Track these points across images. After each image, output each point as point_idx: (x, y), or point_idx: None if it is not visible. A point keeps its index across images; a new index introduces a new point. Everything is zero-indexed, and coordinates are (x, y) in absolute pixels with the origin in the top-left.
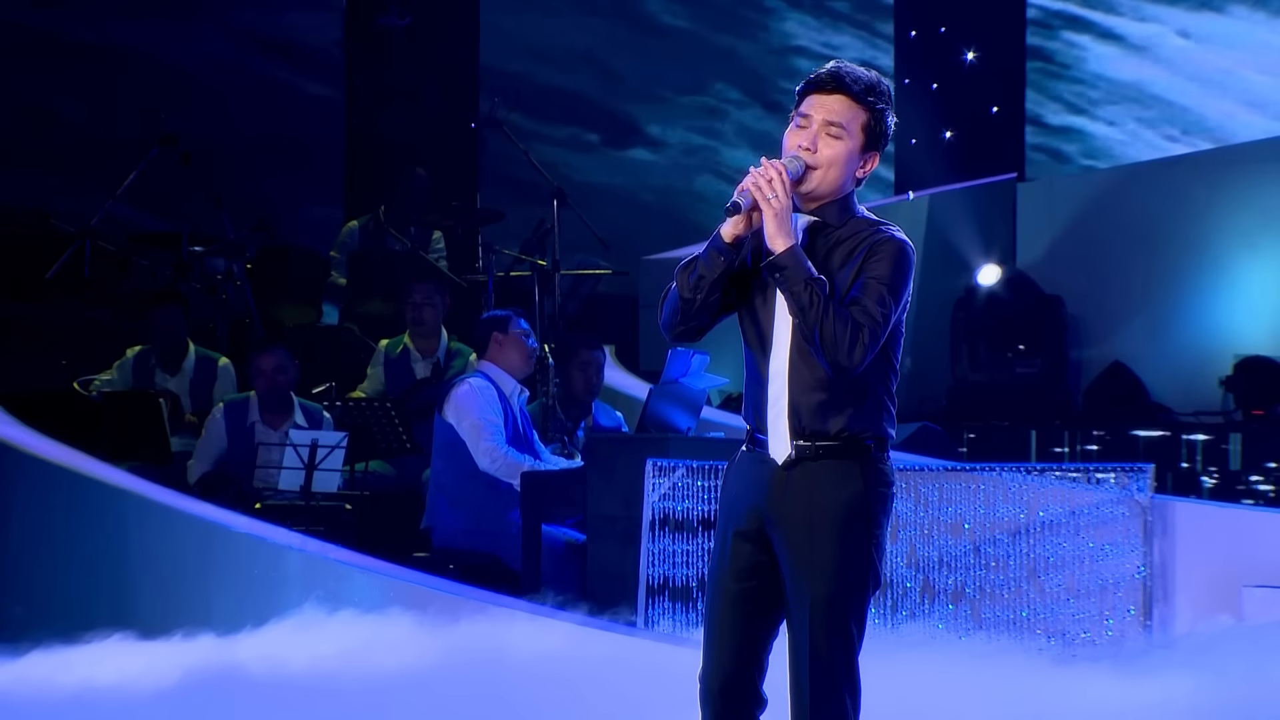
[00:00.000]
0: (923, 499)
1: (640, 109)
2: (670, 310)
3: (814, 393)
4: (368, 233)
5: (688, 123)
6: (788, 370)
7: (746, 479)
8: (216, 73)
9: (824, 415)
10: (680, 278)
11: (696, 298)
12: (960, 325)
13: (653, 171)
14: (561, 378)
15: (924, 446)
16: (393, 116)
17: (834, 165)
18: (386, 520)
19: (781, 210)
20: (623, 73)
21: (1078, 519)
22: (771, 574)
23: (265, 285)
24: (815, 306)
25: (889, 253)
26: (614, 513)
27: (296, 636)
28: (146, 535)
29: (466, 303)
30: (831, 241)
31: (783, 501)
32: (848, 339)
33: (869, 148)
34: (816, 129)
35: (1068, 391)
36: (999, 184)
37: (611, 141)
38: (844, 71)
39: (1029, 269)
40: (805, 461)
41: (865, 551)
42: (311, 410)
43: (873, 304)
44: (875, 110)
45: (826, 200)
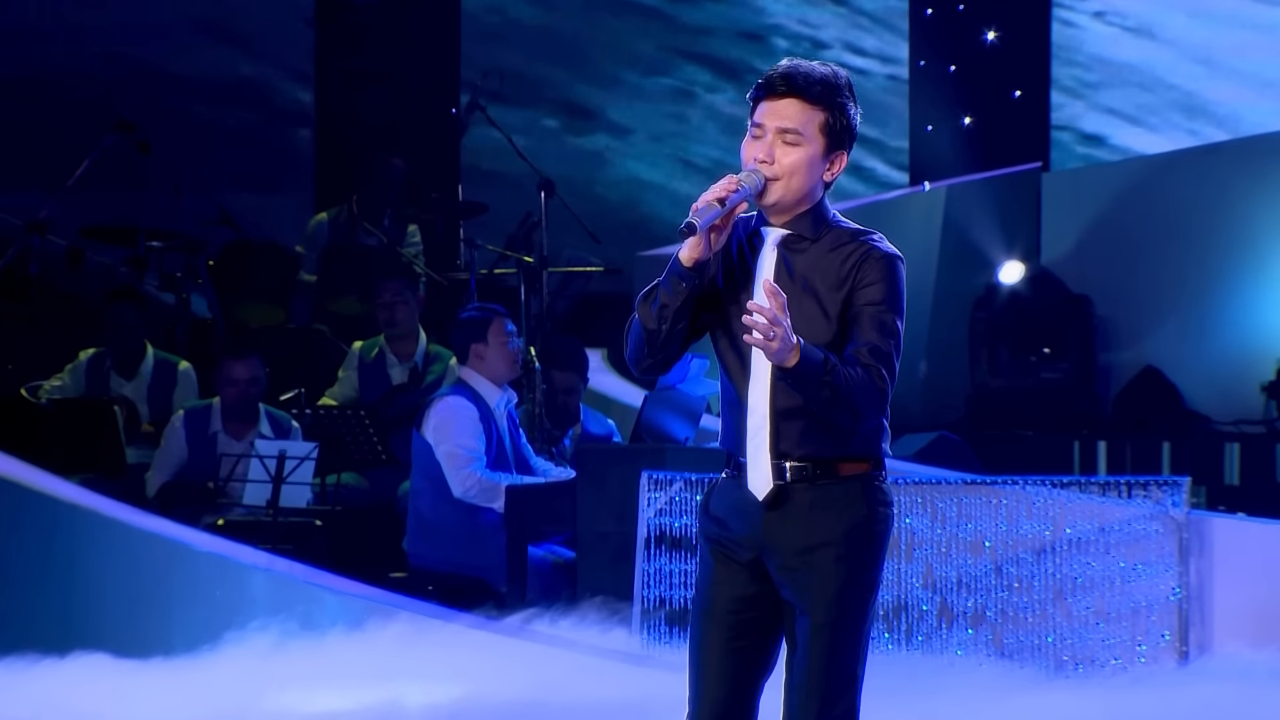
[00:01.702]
0: (940, 515)
1: (601, 92)
2: (635, 343)
3: (802, 416)
4: (338, 226)
5: (653, 107)
6: (769, 397)
7: (735, 506)
8: (176, 53)
9: (817, 441)
10: (642, 309)
11: (661, 328)
12: (980, 327)
13: (615, 160)
14: (547, 384)
15: (941, 458)
16: (367, 101)
17: (795, 174)
18: (361, 538)
19: (783, 341)
20: (584, 52)
21: (1108, 536)
22: (768, 604)
23: (229, 283)
24: (837, 397)
25: (882, 272)
26: (606, 529)
27: (263, 664)
28: (99, 554)
29: (447, 302)
30: (811, 257)
31: (781, 530)
32: (874, 403)
33: (833, 148)
34: (771, 138)
35: (1096, 398)
36: (1022, 174)
37: (571, 128)
38: (795, 72)
39: (1054, 266)
40: (800, 487)
41: (872, 576)
42: (279, 419)
43: (882, 340)
44: (834, 107)
45: (797, 211)
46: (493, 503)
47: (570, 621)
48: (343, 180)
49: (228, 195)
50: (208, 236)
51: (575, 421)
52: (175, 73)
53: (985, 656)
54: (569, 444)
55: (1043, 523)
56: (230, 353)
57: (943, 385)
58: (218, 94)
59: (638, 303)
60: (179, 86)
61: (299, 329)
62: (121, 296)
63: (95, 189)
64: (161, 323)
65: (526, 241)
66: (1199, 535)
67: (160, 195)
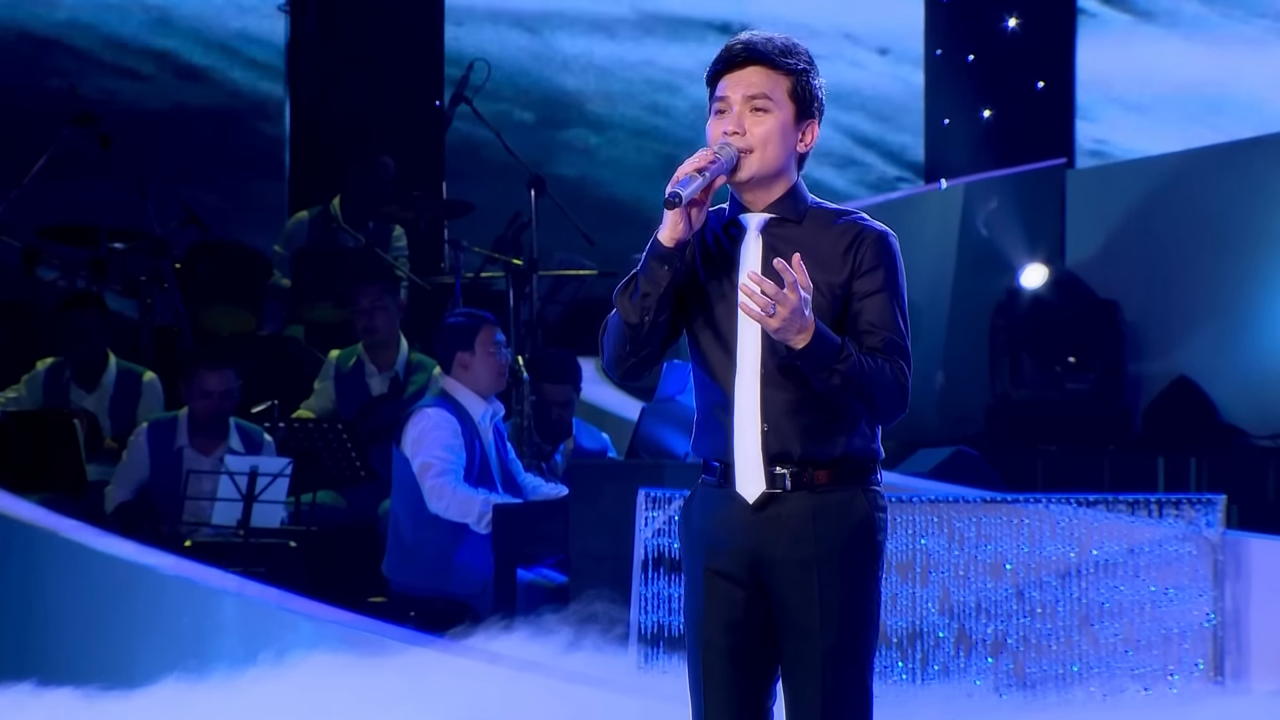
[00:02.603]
0: (957, 535)
1: (579, 84)
2: (615, 343)
3: (797, 415)
4: (317, 227)
5: (636, 99)
6: (760, 391)
7: (723, 518)
8: (141, 40)
9: (813, 439)
10: (621, 302)
11: (644, 320)
12: (1001, 335)
13: (595, 155)
14: (536, 397)
15: (959, 474)
16: (345, 92)
17: (769, 142)
18: (338, 560)
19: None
20: (560, 42)
21: (1137, 558)
22: (767, 623)
23: (197, 287)
24: (849, 386)
25: (881, 255)
26: (600, 551)
27: (232, 696)
28: (58, 578)
29: (430, 308)
30: (798, 240)
31: (778, 540)
32: (895, 400)
33: (803, 116)
34: (739, 108)
35: (1125, 411)
36: (1045, 171)
37: (548, 121)
38: (753, 40)
39: (1080, 269)
40: (798, 492)
41: (878, 588)
42: (250, 432)
43: (896, 332)
44: (798, 71)
45: (775, 192)
46: (468, 518)
47: (562, 649)
48: (317, 177)
49: (194, 193)
50: (174, 237)
51: (567, 435)
52: (139, 61)
53: (1006, 687)
54: (560, 459)
55: (1068, 544)
56: (204, 362)
57: (961, 397)
58: (184, 85)
59: (616, 297)
60: (142, 76)
61: (271, 337)
62: (81, 302)
63: (53, 186)
64: (124, 330)
65: (515, 243)
66: (1235, 557)
67: (123, 193)
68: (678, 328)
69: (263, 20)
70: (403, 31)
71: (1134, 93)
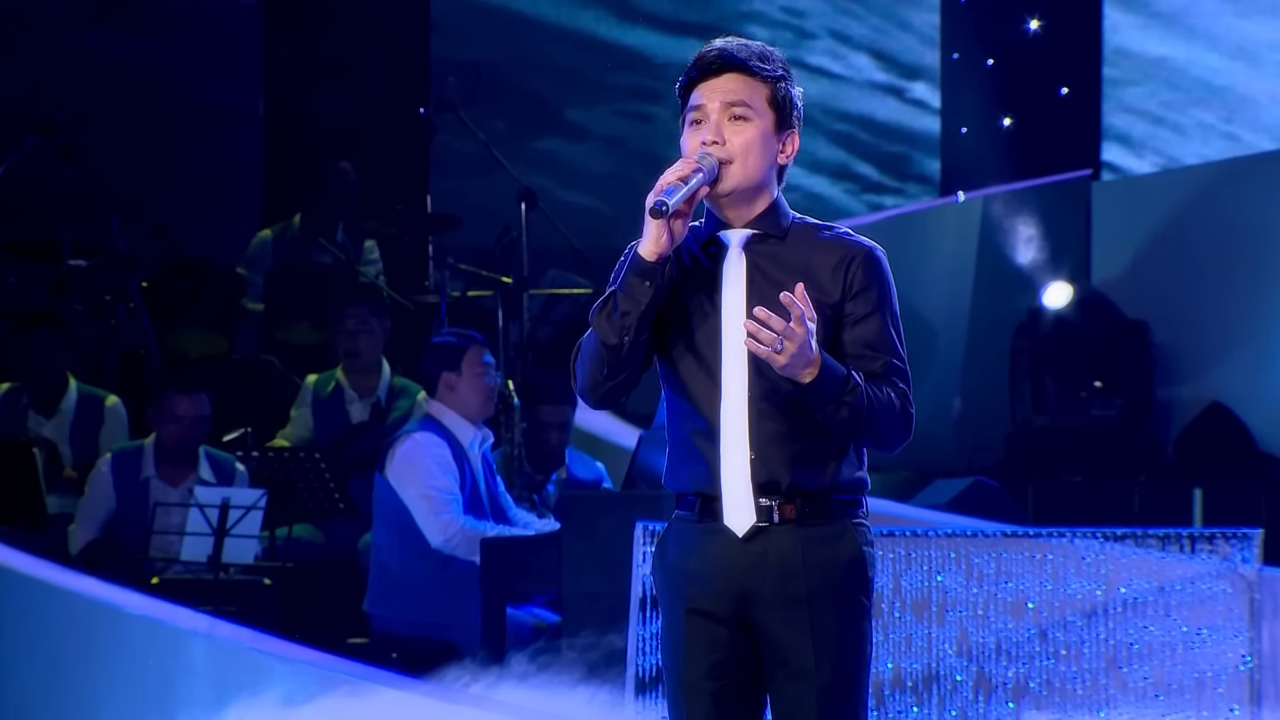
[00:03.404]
0: (976, 572)
1: (555, 88)
2: (591, 365)
3: (786, 443)
4: (285, 244)
5: (614, 106)
6: (747, 416)
7: (704, 554)
8: (105, 42)
9: (802, 468)
10: (599, 322)
11: (624, 341)
12: (1022, 357)
13: (570, 166)
14: (529, 423)
15: (977, 507)
16: (324, 98)
17: (750, 151)
18: (315, 598)
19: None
20: (535, 45)
21: (1168, 597)
22: (752, 664)
23: (165, 307)
24: (858, 419)
25: (874, 274)
26: (595, 589)
27: None
28: (15, 616)
29: (414, 329)
30: (784, 257)
31: (765, 576)
32: (900, 429)
33: (783, 125)
34: (717, 117)
35: (1155, 439)
36: (1069, 183)
37: (520, 128)
38: (728, 46)
39: (1106, 287)
40: (785, 525)
41: (870, 626)
42: (221, 462)
43: (894, 352)
44: (777, 78)
45: (757, 206)
46: (473, 555)
47: (555, 693)
48: (293, 189)
49: (164, 207)
50: (141, 254)
51: (560, 464)
52: (106, 64)
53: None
54: (553, 490)
55: (1094, 581)
56: (175, 385)
57: (979, 424)
58: (152, 90)
59: (592, 317)
60: (108, 79)
61: (245, 360)
62: (40, 322)
63: (11, 199)
64: (87, 352)
65: (505, 260)
66: (1273, 595)
67: (86, 206)
68: (650, 352)
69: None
70: (384, 35)
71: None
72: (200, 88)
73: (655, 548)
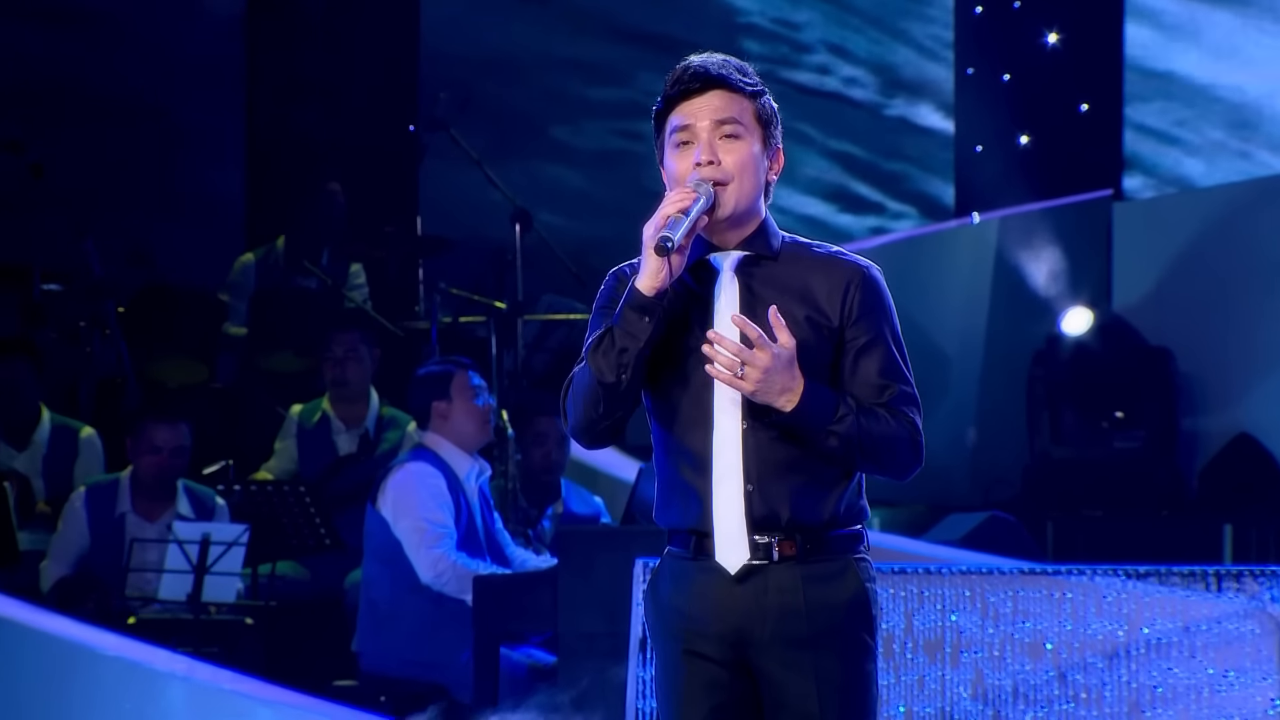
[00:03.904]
0: (991, 611)
1: (543, 105)
2: (585, 404)
3: (785, 475)
4: (268, 267)
5: (604, 124)
6: (741, 447)
7: (699, 593)
8: (77, 59)
9: (802, 501)
10: (596, 360)
11: (622, 379)
12: (1040, 386)
13: (557, 186)
14: (522, 453)
15: (993, 543)
16: (308, 116)
17: (746, 171)
18: (300, 638)
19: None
20: (521, 59)
21: (1193, 637)
22: (755, 706)
23: (142, 334)
24: (850, 448)
25: (872, 295)
26: (593, 629)
27: None
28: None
29: (404, 357)
30: (779, 278)
31: (765, 617)
32: (910, 459)
33: (769, 141)
34: (708, 136)
35: (1179, 472)
36: (1090, 203)
37: (504, 147)
38: (708, 63)
39: (1128, 313)
40: (784, 563)
41: (875, 668)
42: (201, 496)
43: (901, 378)
44: (760, 93)
45: (748, 227)
46: (465, 593)
47: None
48: (276, 211)
49: (141, 229)
50: (117, 278)
51: (556, 499)
52: (76, 81)
53: None
54: (549, 526)
55: (1115, 621)
56: (155, 414)
57: (995, 456)
58: (129, 106)
59: (586, 355)
60: (81, 97)
61: (226, 389)
62: (11, 350)
63: None
64: (60, 382)
65: (498, 284)
66: None
67: (59, 228)
68: None
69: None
70: (371, 51)
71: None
72: (179, 105)
73: (647, 585)
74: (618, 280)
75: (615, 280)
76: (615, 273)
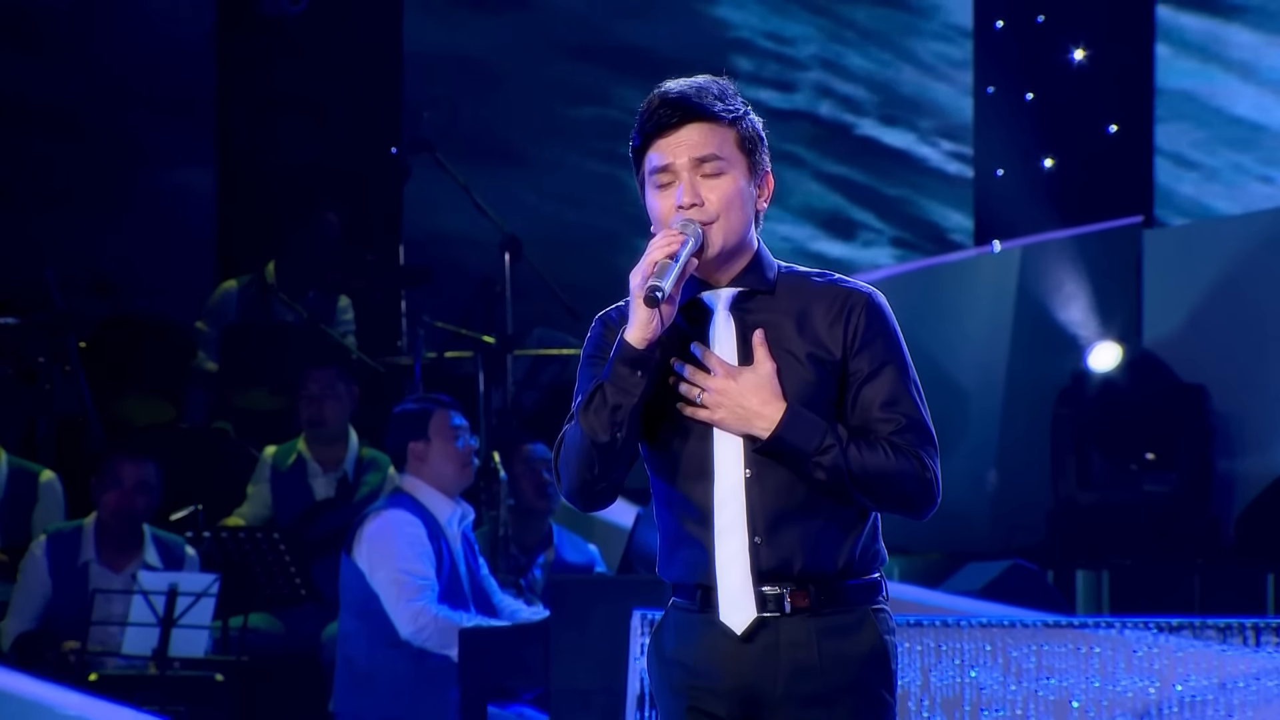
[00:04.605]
0: (1015, 666)
1: (517, 123)
2: (579, 466)
3: (795, 521)
4: (249, 298)
5: (583, 144)
6: (745, 497)
7: (706, 648)
8: (35, 78)
9: (815, 549)
10: (587, 419)
11: (617, 437)
12: (1065, 426)
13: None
14: (514, 494)
15: (1015, 593)
16: (283, 138)
17: (732, 206)
18: (274, 696)
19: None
20: (496, 72)
21: (1230, 695)
22: None
23: (106, 370)
24: (842, 481)
25: (875, 322)
26: (588, 685)
27: None
28: None
29: (385, 395)
30: (775, 313)
31: (777, 675)
32: (916, 489)
33: (756, 168)
34: (688, 175)
35: (1214, 517)
36: (1118, 231)
37: (477, 166)
38: (684, 92)
39: (1160, 348)
40: (797, 616)
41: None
42: (169, 544)
43: (910, 408)
44: (740, 118)
45: (740, 262)
46: (448, 648)
47: None
48: (250, 239)
49: (105, 258)
50: (79, 310)
51: (547, 546)
52: (35, 105)
53: None
54: (540, 574)
55: (1146, 677)
56: (122, 451)
57: (1017, 500)
58: (89, 129)
59: (577, 414)
60: (40, 119)
61: (195, 429)
62: None
63: None
64: (18, 421)
65: (486, 317)
66: None
67: (17, 257)
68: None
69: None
70: (352, 68)
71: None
72: (145, 125)
73: (650, 638)
74: (604, 327)
75: (602, 327)
76: (601, 319)
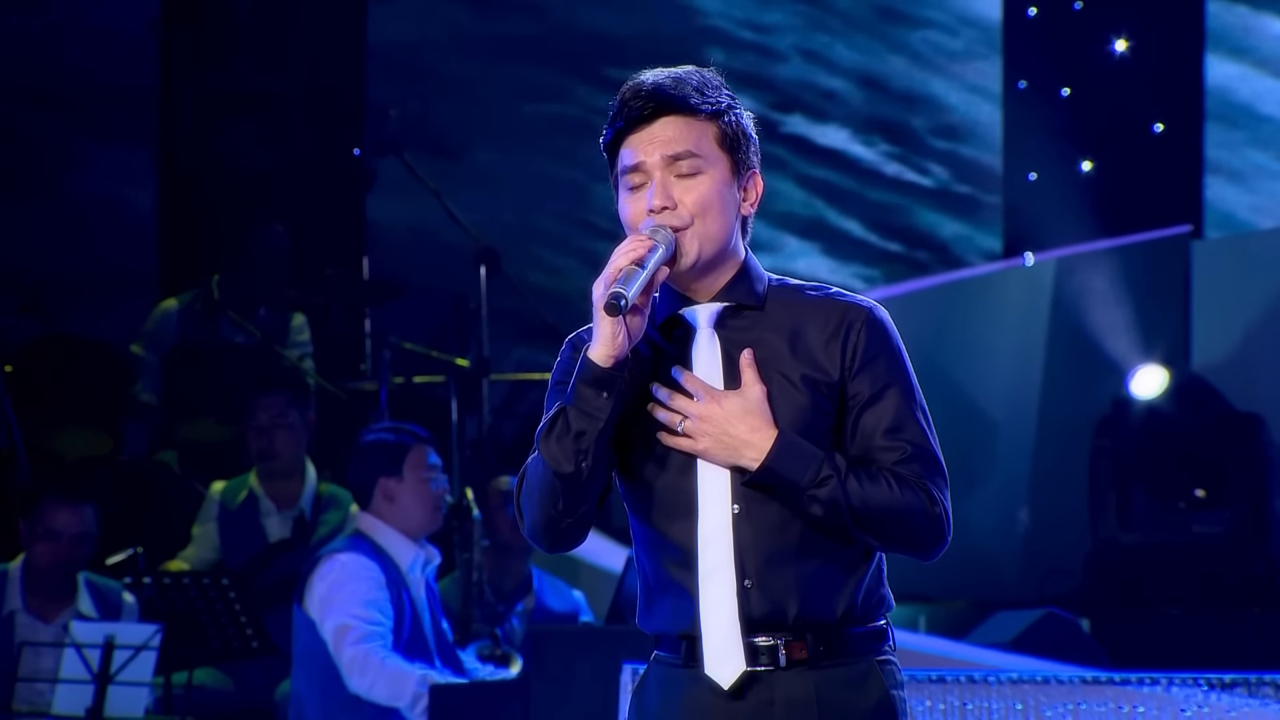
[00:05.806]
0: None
1: (467, 121)
2: (543, 501)
3: (789, 563)
4: (192, 317)
5: (538, 142)
6: (732, 538)
7: (693, 704)
8: None
9: (812, 593)
10: (549, 449)
11: (583, 467)
12: (1105, 459)
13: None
14: (489, 533)
15: (1050, 645)
16: (233, 139)
17: (710, 210)
18: None
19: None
20: (445, 69)
21: None
22: None
23: (35, 397)
24: (839, 514)
25: (876, 340)
26: None
27: None
28: None
29: (346, 424)
30: (764, 330)
31: None
32: (922, 525)
33: (741, 168)
34: (660, 175)
35: (1271, 561)
36: (1164, 241)
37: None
38: (659, 83)
39: (1210, 372)
40: (793, 670)
41: None
42: (105, 591)
43: (915, 433)
44: (723, 111)
45: (724, 273)
46: (399, 700)
47: None
48: (199, 252)
49: (33, 274)
50: (3, 331)
51: (527, 592)
52: None
53: None
54: (518, 624)
55: None
56: (56, 493)
57: (1052, 542)
58: (15, 123)
59: (539, 443)
60: None
61: (134, 462)
62: None
63: None
64: None
65: (460, 337)
66: None
67: None
68: (610, 471)
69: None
70: (310, 64)
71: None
72: (78, 128)
73: (632, 696)
74: (574, 350)
75: (571, 350)
76: (572, 340)
